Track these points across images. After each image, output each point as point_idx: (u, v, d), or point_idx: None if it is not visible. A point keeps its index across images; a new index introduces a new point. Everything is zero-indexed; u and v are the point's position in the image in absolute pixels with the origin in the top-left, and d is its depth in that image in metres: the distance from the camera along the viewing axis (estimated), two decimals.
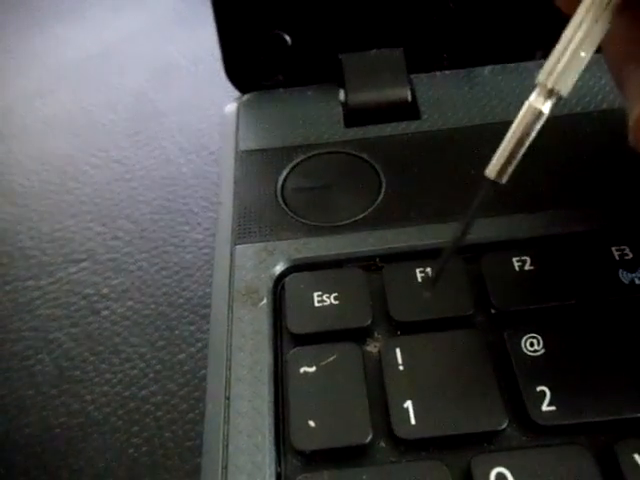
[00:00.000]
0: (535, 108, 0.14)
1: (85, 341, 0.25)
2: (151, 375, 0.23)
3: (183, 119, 0.34)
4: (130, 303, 0.26)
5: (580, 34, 0.14)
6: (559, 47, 0.14)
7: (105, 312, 0.26)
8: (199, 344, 0.24)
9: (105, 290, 0.26)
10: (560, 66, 0.14)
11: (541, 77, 0.14)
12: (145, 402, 0.23)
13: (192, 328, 0.25)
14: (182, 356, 0.24)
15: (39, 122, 0.36)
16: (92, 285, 0.27)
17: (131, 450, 0.22)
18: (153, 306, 0.26)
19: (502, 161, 0.15)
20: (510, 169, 0.15)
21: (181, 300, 0.26)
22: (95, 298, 0.26)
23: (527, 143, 0.15)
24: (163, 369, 0.24)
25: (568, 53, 0.14)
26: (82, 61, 0.40)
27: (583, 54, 0.14)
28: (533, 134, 0.15)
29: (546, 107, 0.14)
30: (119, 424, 0.22)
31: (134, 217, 0.30)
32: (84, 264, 0.28)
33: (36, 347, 0.25)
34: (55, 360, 0.24)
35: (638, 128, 0.15)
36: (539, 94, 0.14)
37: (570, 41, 0.14)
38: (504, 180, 0.15)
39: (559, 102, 0.14)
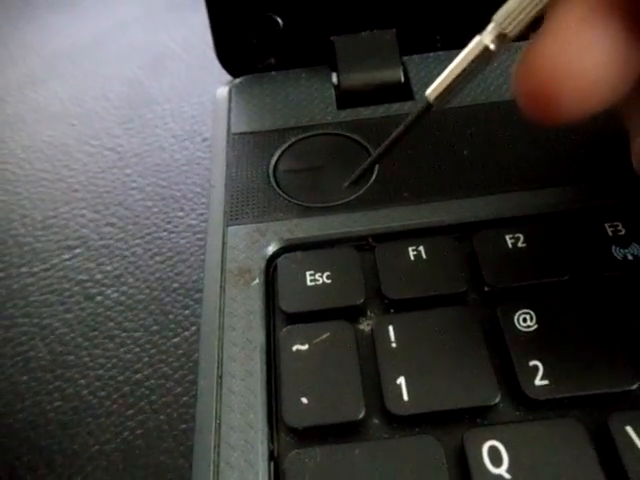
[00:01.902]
0: (484, 44, 0.15)
1: (79, 326, 0.25)
2: (145, 359, 0.23)
3: (176, 106, 0.34)
4: (124, 288, 0.26)
5: None
6: None
7: (99, 298, 0.26)
8: (193, 328, 0.24)
9: (99, 276, 0.26)
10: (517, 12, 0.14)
11: (498, 17, 0.14)
12: (139, 386, 0.23)
13: (186, 312, 0.25)
14: (176, 340, 0.24)
15: (32, 111, 0.36)
16: (85, 271, 0.27)
17: (126, 433, 0.21)
18: (147, 291, 0.26)
19: (442, 87, 0.16)
20: (447, 97, 0.16)
21: (175, 285, 0.26)
22: (89, 284, 0.26)
23: (469, 76, 0.15)
24: (157, 353, 0.24)
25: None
26: (74, 50, 0.40)
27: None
28: (478, 68, 0.15)
29: (493, 45, 0.15)
30: (113, 408, 0.22)
31: (127, 204, 0.30)
32: (77, 250, 0.28)
33: (30, 333, 0.25)
34: (49, 345, 0.24)
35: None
36: (491, 32, 0.15)
37: None
38: (439, 106, 0.16)
39: (506, 42, 0.15)
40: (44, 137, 0.34)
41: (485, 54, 0.15)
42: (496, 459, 0.15)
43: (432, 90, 0.16)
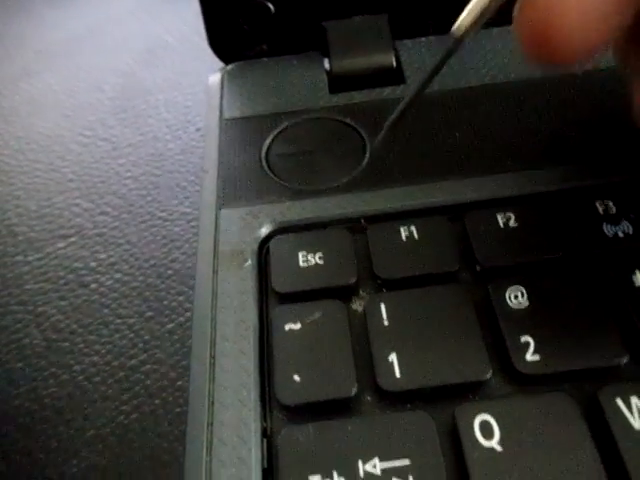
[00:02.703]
0: None
1: (73, 314, 0.25)
2: (140, 345, 0.23)
3: (169, 97, 0.34)
4: (118, 276, 0.26)
5: None
6: None
7: (93, 285, 0.26)
8: (187, 314, 0.24)
9: (93, 264, 0.26)
10: None
11: None
12: (134, 371, 0.23)
13: (181, 298, 0.25)
14: (171, 326, 0.24)
15: (26, 103, 0.36)
16: (80, 259, 0.27)
17: (121, 417, 0.22)
18: (141, 278, 0.26)
19: (468, 22, 0.16)
20: (473, 31, 0.16)
21: (170, 272, 0.26)
22: (83, 272, 0.26)
23: (493, 8, 0.16)
24: (152, 339, 0.24)
25: None
26: (68, 42, 0.40)
27: None
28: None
29: None
30: (109, 393, 0.22)
31: (121, 193, 0.30)
32: (72, 239, 0.28)
33: (25, 320, 0.25)
34: (43, 333, 0.24)
35: None
36: None
37: None
38: (467, 39, 0.17)
39: None
40: (38, 129, 0.34)
41: None
42: (487, 432, 0.15)
43: (457, 27, 0.16)
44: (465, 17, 0.16)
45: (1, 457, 0.21)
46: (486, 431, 0.15)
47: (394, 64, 0.25)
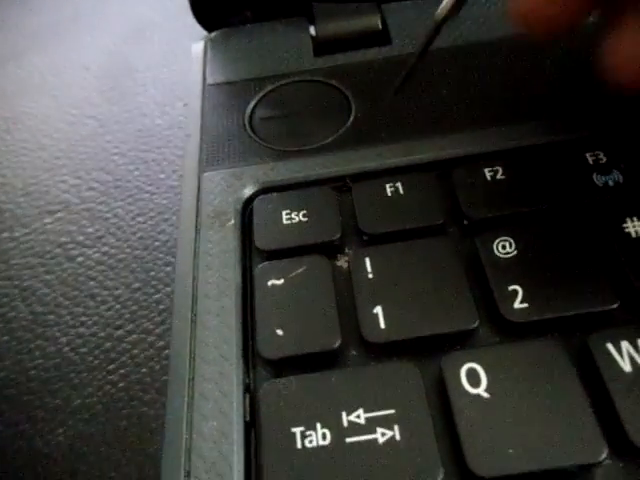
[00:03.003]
0: None
1: (60, 287, 0.24)
2: (127, 315, 0.23)
3: (156, 74, 0.34)
4: (105, 249, 0.25)
5: None
6: None
7: (80, 259, 0.25)
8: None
9: (80, 238, 0.26)
10: None
11: None
12: (121, 341, 0.22)
13: (168, 269, 0.24)
14: (158, 296, 0.24)
15: (13, 84, 0.35)
16: (67, 234, 0.26)
17: (108, 387, 0.21)
18: (128, 250, 0.25)
19: (447, 9, 0.17)
20: (452, 17, 0.18)
21: (157, 243, 0.25)
22: (70, 246, 0.26)
23: None
24: (139, 309, 0.23)
25: None
26: (54, 25, 0.39)
27: None
28: None
29: None
30: (95, 363, 0.22)
31: (109, 168, 0.29)
32: (59, 215, 0.27)
33: (10, 295, 0.24)
34: (29, 306, 0.24)
35: None
36: None
37: None
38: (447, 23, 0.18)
39: None
40: (25, 109, 0.33)
41: None
42: (474, 380, 0.15)
43: (437, 13, 0.18)
44: (444, 5, 0.18)
45: None
46: (473, 379, 0.15)
47: (380, 26, 0.25)
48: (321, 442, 0.14)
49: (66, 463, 0.20)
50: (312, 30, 0.26)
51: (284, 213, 0.19)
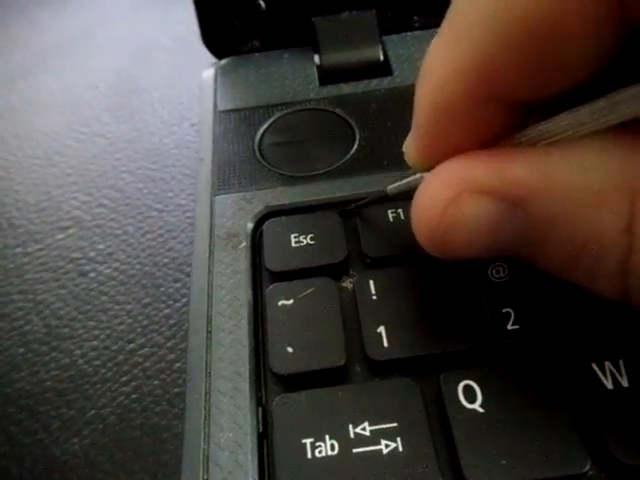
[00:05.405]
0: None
1: (73, 301, 0.25)
2: (138, 329, 0.24)
3: (164, 93, 0.35)
4: (116, 265, 0.27)
5: None
6: None
7: (92, 274, 0.26)
8: (184, 299, 0.25)
9: (92, 254, 0.27)
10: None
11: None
12: (133, 354, 0.23)
13: (177, 285, 0.26)
14: (168, 311, 0.25)
15: (23, 102, 0.36)
16: (79, 249, 0.27)
17: (121, 398, 0.22)
18: (139, 266, 0.26)
19: (400, 189, 0.18)
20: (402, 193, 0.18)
21: (166, 260, 0.27)
22: (82, 261, 0.27)
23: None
24: (150, 323, 0.24)
25: None
26: (63, 43, 0.41)
27: None
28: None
29: None
30: (109, 375, 0.23)
31: (119, 186, 0.30)
32: (71, 231, 0.28)
33: (25, 308, 0.25)
34: (44, 320, 0.25)
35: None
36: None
37: None
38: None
39: None
40: (35, 126, 0.35)
41: None
42: (470, 396, 0.16)
43: (390, 188, 0.19)
44: (400, 185, 0.18)
45: (5, 437, 0.22)
46: (469, 395, 0.16)
47: (381, 58, 0.26)
48: (330, 452, 0.15)
49: (82, 471, 0.21)
50: (317, 59, 0.27)
51: (292, 236, 0.20)
